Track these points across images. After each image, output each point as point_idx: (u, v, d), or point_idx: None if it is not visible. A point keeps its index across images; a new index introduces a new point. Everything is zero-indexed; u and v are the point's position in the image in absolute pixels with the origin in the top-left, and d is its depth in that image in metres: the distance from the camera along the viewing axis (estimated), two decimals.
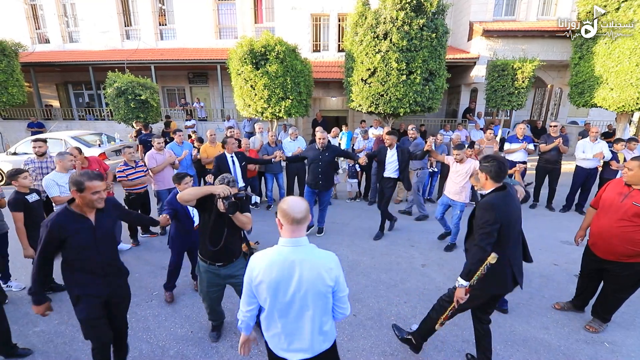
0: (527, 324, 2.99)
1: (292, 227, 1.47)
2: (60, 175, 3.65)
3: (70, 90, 15.16)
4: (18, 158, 7.94)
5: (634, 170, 2.52)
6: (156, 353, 2.66)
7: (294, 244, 1.49)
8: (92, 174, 2.00)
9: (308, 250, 1.51)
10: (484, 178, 2.23)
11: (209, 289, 2.55)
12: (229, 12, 13.59)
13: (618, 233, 2.55)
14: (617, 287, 2.74)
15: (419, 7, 7.13)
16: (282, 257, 1.47)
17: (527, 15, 11.34)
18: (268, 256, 1.50)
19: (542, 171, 6.09)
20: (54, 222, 1.92)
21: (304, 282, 1.45)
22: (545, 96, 13.24)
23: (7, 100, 9.89)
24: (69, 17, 14.00)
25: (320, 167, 4.58)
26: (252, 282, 1.51)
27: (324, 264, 1.50)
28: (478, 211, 2.17)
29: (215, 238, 2.37)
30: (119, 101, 8.42)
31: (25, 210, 3.16)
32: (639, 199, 2.50)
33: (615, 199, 2.64)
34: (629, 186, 2.60)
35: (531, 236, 4.85)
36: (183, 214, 3.17)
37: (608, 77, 7.70)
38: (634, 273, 2.61)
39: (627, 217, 2.51)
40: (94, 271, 2.08)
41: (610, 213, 2.64)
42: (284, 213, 1.46)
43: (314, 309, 1.49)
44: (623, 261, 2.59)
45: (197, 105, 12.96)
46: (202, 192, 2.25)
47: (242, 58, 7.49)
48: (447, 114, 13.73)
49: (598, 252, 2.74)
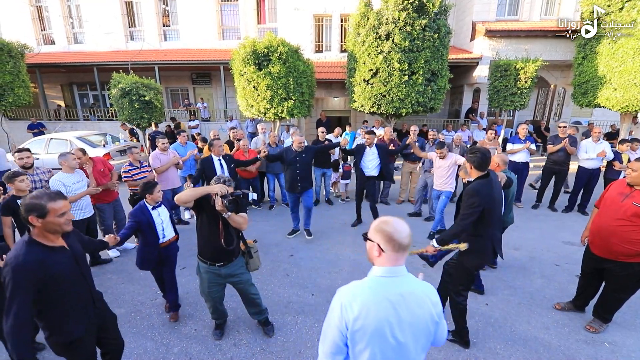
0: (528, 323, 3.01)
1: (396, 254, 1.21)
2: (67, 176, 3.72)
3: (75, 90, 15.30)
4: None
5: (638, 171, 2.52)
6: (160, 350, 2.71)
7: (395, 274, 1.22)
8: (52, 194, 1.66)
9: (410, 281, 1.24)
10: (469, 167, 2.51)
11: (210, 289, 2.59)
12: (232, 12, 13.66)
13: (616, 232, 2.56)
14: (616, 287, 2.74)
15: (421, 7, 7.14)
16: (384, 291, 1.19)
17: (530, 15, 11.30)
18: (365, 292, 1.20)
19: (549, 172, 6.05)
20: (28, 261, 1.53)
21: (412, 320, 1.18)
22: (548, 96, 13.19)
23: (14, 101, 10.00)
24: (74, 18, 14.13)
25: (298, 170, 4.47)
26: (347, 326, 1.17)
27: (430, 297, 1.25)
28: (464, 195, 2.45)
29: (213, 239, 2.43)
30: (123, 102, 8.49)
31: (15, 215, 3.08)
32: (639, 199, 2.51)
33: (616, 198, 2.65)
34: (631, 187, 2.60)
35: (533, 236, 4.90)
36: (148, 228, 2.86)
37: (611, 77, 7.67)
38: (633, 273, 2.61)
39: (626, 216, 2.52)
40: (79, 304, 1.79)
41: (610, 212, 2.65)
42: (389, 237, 1.20)
43: (419, 349, 1.23)
44: (622, 260, 2.60)
45: (200, 105, 13.03)
46: (200, 192, 2.26)
47: (244, 59, 7.54)
48: (449, 114, 13.70)
49: (596, 251, 2.77)
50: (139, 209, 2.88)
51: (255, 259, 2.72)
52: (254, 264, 2.72)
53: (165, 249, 3.00)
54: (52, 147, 8.00)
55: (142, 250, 2.93)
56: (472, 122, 11.25)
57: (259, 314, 2.86)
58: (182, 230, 5.27)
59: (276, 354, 2.66)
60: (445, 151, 4.72)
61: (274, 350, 2.69)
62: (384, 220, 1.25)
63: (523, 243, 4.71)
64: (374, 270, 1.26)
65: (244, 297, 2.77)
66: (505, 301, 3.34)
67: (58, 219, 1.64)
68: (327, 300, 3.37)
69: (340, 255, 4.39)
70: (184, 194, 2.24)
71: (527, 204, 6.27)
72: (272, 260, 4.25)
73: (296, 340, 2.82)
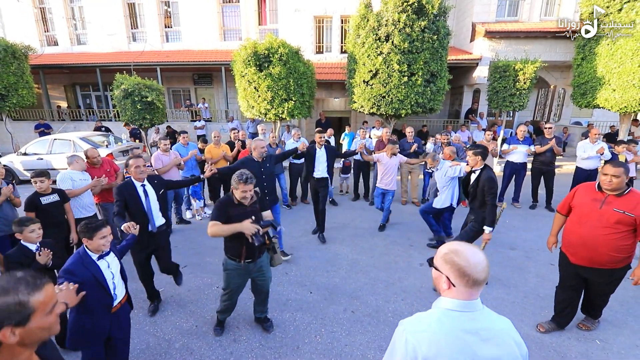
0: (521, 321, 3.07)
1: (470, 290, 1.05)
2: (76, 173, 3.86)
3: (78, 91, 15.43)
4: (28, 159, 8.17)
5: (621, 177, 2.37)
6: (162, 346, 2.79)
7: (469, 309, 1.06)
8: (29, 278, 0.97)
9: (487, 317, 1.08)
10: (479, 159, 3.46)
11: (236, 285, 2.71)
12: (233, 14, 13.75)
13: (604, 241, 2.45)
14: (601, 291, 2.74)
15: (421, 9, 7.20)
16: (457, 326, 1.03)
17: (530, 16, 11.34)
18: (433, 327, 1.04)
19: (537, 172, 6.17)
20: None
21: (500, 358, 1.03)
22: (548, 97, 13.21)
23: (17, 102, 10.11)
24: (77, 20, 14.26)
25: (265, 182, 3.88)
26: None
27: (512, 335, 1.08)
28: (487, 182, 3.36)
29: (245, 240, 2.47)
30: (125, 103, 8.58)
31: (38, 211, 3.24)
32: (618, 205, 2.40)
33: (593, 205, 2.51)
34: (602, 192, 2.49)
35: (530, 236, 4.96)
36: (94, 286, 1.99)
37: (610, 78, 7.70)
38: (617, 277, 2.59)
39: (609, 224, 2.41)
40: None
41: (591, 221, 2.51)
42: (462, 272, 1.04)
43: None
44: (607, 268, 2.53)
45: (201, 106, 13.13)
46: (232, 230, 2.39)
47: (245, 60, 7.61)
48: (449, 114, 13.74)
49: (581, 262, 2.62)
50: (77, 260, 1.99)
51: (279, 254, 2.81)
52: (278, 259, 2.80)
53: (115, 316, 2.16)
54: (56, 147, 8.11)
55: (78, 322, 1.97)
56: (472, 122, 11.30)
57: (262, 312, 2.99)
58: (183, 229, 5.41)
59: (275, 349, 2.73)
60: (396, 149, 5.02)
61: (272, 346, 2.77)
62: (456, 250, 1.08)
63: (520, 243, 4.77)
64: (443, 301, 1.09)
65: (259, 293, 2.87)
66: (499, 299, 3.41)
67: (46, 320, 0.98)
68: (324, 298, 3.45)
69: (339, 254, 4.46)
70: (216, 233, 2.40)
71: (525, 204, 6.33)
72: None
73: (294, 336, 2.89)
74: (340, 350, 2.73)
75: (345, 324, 3.05)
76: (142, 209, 3.06)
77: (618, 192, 2.42)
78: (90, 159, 4.24)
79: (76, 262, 1.99)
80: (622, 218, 2.36)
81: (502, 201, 6.40)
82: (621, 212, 2.37)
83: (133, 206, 3.02)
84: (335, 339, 2.86)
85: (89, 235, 2.02)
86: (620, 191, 2.42)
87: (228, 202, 2.54)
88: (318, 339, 2.86)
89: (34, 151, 8.29)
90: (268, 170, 3.94)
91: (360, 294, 3.53)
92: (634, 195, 2.40)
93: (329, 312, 3.22)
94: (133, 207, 3.02)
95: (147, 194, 3.12)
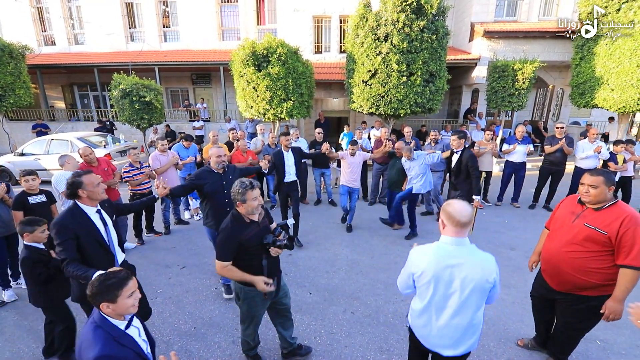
0: (521, 322, 3.06)
1: (456, 229, 1.59)
2: (70, 173, 3.82)
3: (76, 91, 15.36)
4: (25, 159, 8.13)
5: (599, 187, 2.00)
6: (161, 348, 2.76)
7: (457, 244, 1.61)
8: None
9: (471, 251, 1.63)
10: (462, 142, 4.39)
11: (258, 311, 2.35)
12: (231, 14, 13.71)
13: (566, 259, 2.12)
14: (567, 323, 2.32)
15: (420, 9, 7.19)
16: (445, 253, 1.61)
17: (528, 16, 11.35)
18: (431, 251, 1.65)
19: (546, 172, 6.11)
20: None
21: (468, 279, 1.56)
22: (547, 97, 13.23)
23: (15, 102, 10.06)
24: (75, 19, 14.19)
25: (228, 197, 3.21)
26: (414, 272, 1.69)
27: (487, 265, 1.61)
28: (469, 159, 4.29)
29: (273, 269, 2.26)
30: (123, 103, 8.54)
31: (26, 210, 3.25)
32: (591, 219, 2.04)
33: (567, 218, 2.20)
34: (582, 204, 2.15)
35: (529, 237, 4.95)
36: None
37: (609, 78, 7.71)
38: (586, 309, 2.15)
39: (577, 240, 2.08)
40: None
41: (559, 236, 2.21)
42: (449, 216, 1.59)
43: (471, 305, 1.60)
44: (574, 293, 2.16)
45: (200, 106, 13.09)
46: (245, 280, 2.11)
47: (244, 60, 7.59)
48: (448, 114, 13.75)
49: (548, 280, 2.32)
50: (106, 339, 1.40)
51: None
52: None
53: None
54: (53, 147, 8.07)
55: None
56: (471, 122, 11.31)
57: (294, 339, 2.60)
58: (181, 230, 5.38)
59: (273, 351, 2.71)
60: (356, 149, 5.06)
61: (271, 348, 2.75)
62: (449, 202, 1.64)
63: (519, 243, 4.76)
64: (442, 238, 1.67)
65: (283, 314, 2.50)
66: (499, 300, 3.39)
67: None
68: (324, 299, 3.43)
69: (339, 255, 4.44)
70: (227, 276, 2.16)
71: (524, 204, 6.32)
72: None
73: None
74: (340, 351, 2.71)
75: (344, 325, 3.03)
76: (103, 242, 2.25)
77: (598, 206, 2.06)
78: (83, 156, 4.20)
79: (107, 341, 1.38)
80: (592, 235, 2.00)
81: (501, 201, 6.41)
82: (592, 227, 2.01)
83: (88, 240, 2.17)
84: (334, 340, 2.84)
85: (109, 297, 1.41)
86: (600, 204, 2.04)
87: (235, 229, 2.09)
88: (317, 340, 2.85)
89: (31, 151, 8.25)
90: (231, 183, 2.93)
91: (360, 294, 3.51)
92: (614, 210, 1.99)
93: (328, 313, 3.21)
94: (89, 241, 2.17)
95: (105, 223, 2.32)
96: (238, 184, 2.10)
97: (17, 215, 3.22)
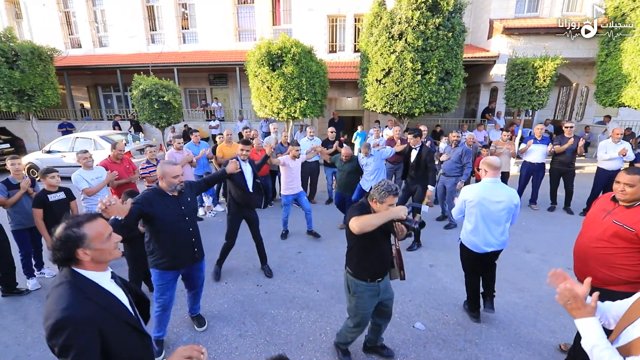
0: (533, 327, 2.97)
1: (494, 172, 2.75)
2: (86, 172, 4.00)
3: (100, 92, 16.00)
4: (52, 156, 8.54)
5: (636, 185, 2.03)
6: (171, 338, 2.85)
7: (495, 182, 2.76)
8: None
9: (502, 185, 2.78)
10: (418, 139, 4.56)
11: (369, 309, 2.33)
12: (248, 15, 13.92)
13: (594, 255, 2.18)
14: None
15: (435, 6, 7.07)
16: (488, 187, 2.75)
17: (550, 11, 10.92)
18: (478, 187, 2.78)
19: (556, 173, 5.93)
20: None
21: (502, 202, 2.68)
22: (570, 95, 12.71)
23: (43, 102, 10.59)
24: (99, 23, 14.79)
25: (190, 227, 2.57)
26: (466, 199, 2.80)
27: (512, 194, 2.75)
28: (427, 154, 4.49)
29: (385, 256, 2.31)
30: (143, 102, 8.82)
31: (45, 208, 3.41)
32: (621, 217, 2.09)
33: (598, 215, 2.27)
34: (615, 202, 2.20)
35: (548, 239, 4.80)
36: None
37: (637, 75, 7.34)
38: None
39: (605, 236, 2.13)
40: None
41: (589, 232, 2.29)
42: (490, 165, 2.75)
43: (503, 219, 2.74)
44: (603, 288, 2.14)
45: (215, 105, 13.35)
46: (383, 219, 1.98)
47: (259, 60, 7.69)
48: (466, 113, 13.44)
49: (579, 276, 2.36)
50: None
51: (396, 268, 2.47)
52: (394, 273, 2.46)
53: None
54: (78, 145, 8.44)
55: None
56: (489, 122, 11.01)
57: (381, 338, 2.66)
58: None
59: (279, 345, 2.75)
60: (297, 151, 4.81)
61: (277, 342, 2.78)
62: (484, 159, 2.82)
63: (535, 245, 4.62)
64: (483, 179, 2.81)
65: (386, 317, 2.48)
66: (512, 303, 3.31)
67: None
68: (331, 297, 3.44)
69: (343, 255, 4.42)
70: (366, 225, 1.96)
71: (542, 206, 6.11)
72: (280, 256, 4.35)
73: (299, 333, 2.90)
74: None
75: None
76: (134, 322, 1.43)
77: (630, 204, 2.10)
78: (117, 151, 4.47)
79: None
80: (620, 231, 2.05)
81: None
82: (620, 224, 2.06)
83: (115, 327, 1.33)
84: None
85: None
86: (632, 202, 2.09)
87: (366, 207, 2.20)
88: (323, 337, 2.86)
89: (57, 149, 8.66)
90: (190, 207, 2.58)
91: None
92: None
93: (334, 311, 3.21)
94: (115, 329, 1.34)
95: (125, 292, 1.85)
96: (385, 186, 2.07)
97: (37, 213, 3.37)
